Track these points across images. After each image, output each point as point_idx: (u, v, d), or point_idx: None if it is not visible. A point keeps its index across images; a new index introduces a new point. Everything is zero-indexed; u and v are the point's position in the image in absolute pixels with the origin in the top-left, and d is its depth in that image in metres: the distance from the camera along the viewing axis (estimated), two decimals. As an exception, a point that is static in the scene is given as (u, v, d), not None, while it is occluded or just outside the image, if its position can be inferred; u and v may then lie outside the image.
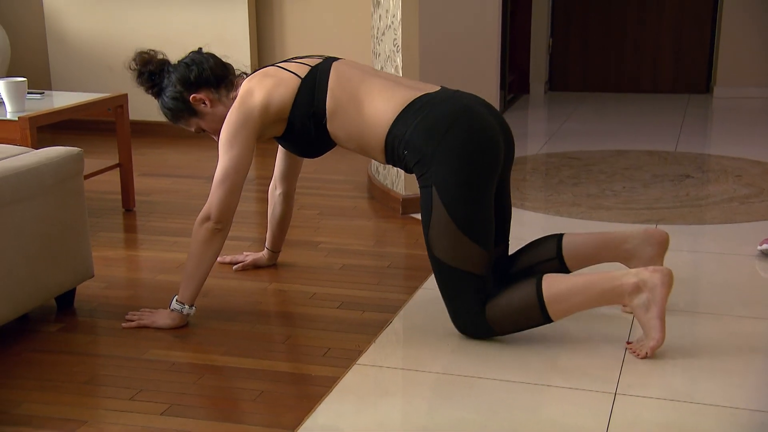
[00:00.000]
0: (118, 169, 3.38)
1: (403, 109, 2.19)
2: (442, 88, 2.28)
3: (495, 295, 2.15)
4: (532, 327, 2.15)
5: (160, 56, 2.45)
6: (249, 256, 2.78)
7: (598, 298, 2.11)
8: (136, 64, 2.42)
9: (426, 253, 2.20)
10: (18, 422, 1.85)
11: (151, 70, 2.42)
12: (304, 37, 4.70)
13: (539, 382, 1.99)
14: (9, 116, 2.91)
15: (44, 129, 4.76)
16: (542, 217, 3.29)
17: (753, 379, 2.01)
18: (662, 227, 3.08)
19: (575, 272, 2.32)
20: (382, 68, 3.55)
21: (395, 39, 3.33)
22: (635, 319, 2.33)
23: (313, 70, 2.30)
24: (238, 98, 2.31)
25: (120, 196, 3.44)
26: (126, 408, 1.90)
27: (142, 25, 4.76)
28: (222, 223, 2.28)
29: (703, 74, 6.12)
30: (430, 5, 3.67)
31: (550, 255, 2.35)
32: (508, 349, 2.18)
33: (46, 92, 3.46)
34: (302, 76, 2.29)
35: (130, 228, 3.26)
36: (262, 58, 4.79)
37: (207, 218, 2.28)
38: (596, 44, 6.21)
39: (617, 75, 6.24)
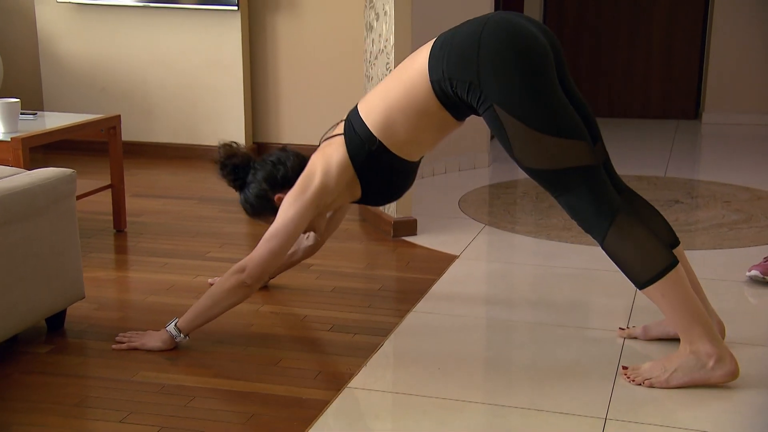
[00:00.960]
0: (110, 189, 3.38)
1: (429, 58, 2.15)
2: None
3: (629, 223, 2.05)
4: (625, 273, 2.09)
5: (243, 150, 2.48)
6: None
7: (681, 321, 2.06)
8: (221, 155, 2.45)
9: (413, 277, 2.20)
10: (7, 444, 1.84)
11: (235, 163, 2.45)
12: (298, 59, 4.73)
13: (529, 407, 1.99)
14: (2, 137, 2.90)
15: (37, 149, 4.76)
16: (533, 241, 3.31)
17: (741, 404, 2.01)
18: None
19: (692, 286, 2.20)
20: (374, 92, 3.56)
21: (388, 63, 3.35)
22: (625, 343, 2.34)
23: (347, 120, 2.32)
24: (305, 172, 2.33)
25: (111, 217, 3.43)
26: (116, 430, 1.89)
27: (135, 47, 4.78)
28: (252, 279, 2.25)
29: (691, 100, 6.17)
30: (422, 30, 3.70)
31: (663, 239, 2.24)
32: (498, 372, 2.18)
33: (39, 113, 3.46)
34: (343, 132, 2.31)
35: (121, 249, 3.25)
36: (255, 80, 4.81)
37: (242, 270, 2.25)
38: (586, 70, 6.26)
39: (607, 100, 6.29)
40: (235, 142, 2.50)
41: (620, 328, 2.41)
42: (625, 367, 2.15)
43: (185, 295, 2.71)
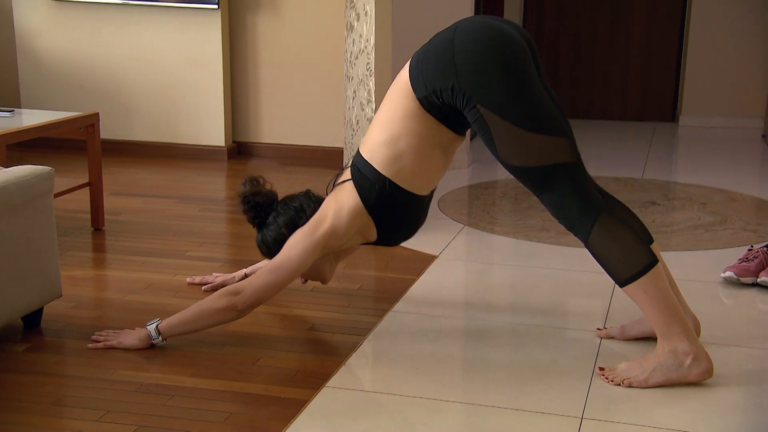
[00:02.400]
0: (88, 188, 3.36)
1: (410, 79, 2.16)
2: None
3: (611, 222, 2.07)
4: (607, 271, 2.09)
5: (268, 188, 2.46)
6: (219, 278, 2.77)
7: (660, 318, 2.07)
8: (246, 190, 2.44)
9: (392, 277, 2.20)
10: (-18, 443, 1.83)
11: (258, 201, 2.43)
12: (278, 59, 4.73)
13: (507, 406, 2.00)
14: (-21, 134, 2.89)
15: (13, 147, 4.71)
16: (512, 242, 3.32)
17: (713, 403, 2.03)
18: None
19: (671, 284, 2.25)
20: (354, 92, 3.57)
21: (368, 63, 3.36)
22: (602, 343, 2.36)
23: (353, 165, 2.31)
24: (317, 213, 2.32)
25: (89, 215, 3.41)
26: (94, 429, 1.88)
27: (115, 44, 4.76)
28: (244, 306, 2.24)
29: (669, 103, 6.23)
30: (403, 30, 3.71)
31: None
32: (476, 372, 2.19)
33: (16, 110, 3.44)
34: (351, 177, 2.29)
35: (99, 247, 3.23)
36: (235, 79, 4.80)
37: (236, 293, 2.24)
38: (566, 73, 6.30)
39: (586, 103, 6.33)
40: (261, 178, 2.48)
41: (598, 329, 2.42)
42: (601, 368, 2.16)
43: (163, 294, 2.70)
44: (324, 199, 2.40)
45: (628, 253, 2.07)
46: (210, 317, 2.26)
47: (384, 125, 2.24)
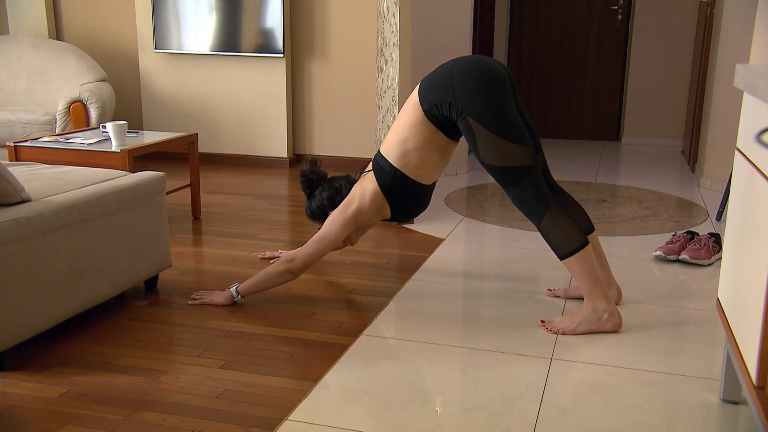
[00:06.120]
0: (189, 187, 3.38)
1: (418, 96, 2.16)
2: None
3: (557, 212, 2.05)
4: (551, 248, 2.08)
5: (322, 168, 2.49)
6: (283, 254, 2.78)
7: (587, 284, 2.06)
8: (306, 167, 2.46)
9: (411, 254, 2.18)
10: (118, 370, 1.85)
11: (312, 178, 2.46)
12: (326, 93, 4.73)
13: (496, 350, 2.00)
14: (114, 149, 2.91)
15: (138, 158, 4.77)
16: (499, 229, 3.30)
17: (648, 348, 2.02)
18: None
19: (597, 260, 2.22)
20: (383, 118, 3.56)
21: (393, 96, 3.35)
22: (566, 304, 2.34)
23: (375, 160, 2.31)
24: (347, 197, 2.33)
25: (190, 208, 3.44)
26: (194, 362, 1.90)
27: (208, 84, 4.78)
28: (298, 269, 2.25)
29: (614, 126, 6.15)
30: (419, 72, 3.69)
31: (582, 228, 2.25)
32: (472, 324, 2.19)
33: (140, 132, 3.46)
34: (372, 168, 2.30)
35: (197, 231, 3.26)
36: (295, 108, 4.81)
37: (292, 260, 2.25)
38: (538, 101, 6.24)
39: (553, 125, 6.26)
40: (319, 160, 2.50)
41: (548, 289, 2.41)
42: (543, 321, 2.15)
43: (243, 265, 2.72)
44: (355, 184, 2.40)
45: (567, 236, 2.05)
46: (273, 279, 2.26)
47: (397, 131, 2.24)
